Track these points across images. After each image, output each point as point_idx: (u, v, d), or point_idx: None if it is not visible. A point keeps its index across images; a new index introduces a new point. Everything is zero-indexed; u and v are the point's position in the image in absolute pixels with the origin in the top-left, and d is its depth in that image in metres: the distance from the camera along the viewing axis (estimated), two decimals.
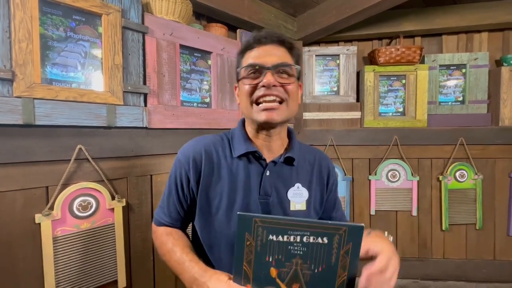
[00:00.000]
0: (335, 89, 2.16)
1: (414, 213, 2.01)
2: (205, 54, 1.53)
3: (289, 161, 0.76)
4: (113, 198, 1.17)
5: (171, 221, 0.76)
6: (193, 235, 0.81)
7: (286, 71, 0.69)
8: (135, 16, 1.21)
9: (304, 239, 0.52)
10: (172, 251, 0.69)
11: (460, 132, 1.96)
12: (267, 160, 0.74)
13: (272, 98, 0.67)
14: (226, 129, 0.82)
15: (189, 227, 0.82)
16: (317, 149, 0.85)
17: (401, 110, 2.06)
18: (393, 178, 2.02)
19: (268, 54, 0.69)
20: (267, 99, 0.67)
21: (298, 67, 0.72)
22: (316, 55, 2.14)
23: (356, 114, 2.10)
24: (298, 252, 0.53)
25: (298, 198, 0.75)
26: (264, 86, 0.66)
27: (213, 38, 1.53)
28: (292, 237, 0.53)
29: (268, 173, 0.73)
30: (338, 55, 2.13)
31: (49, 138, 1.01)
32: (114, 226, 1.17)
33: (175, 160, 0.75)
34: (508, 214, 1.97)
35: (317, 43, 2.23)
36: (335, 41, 2.24)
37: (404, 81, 2.03)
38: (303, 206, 0.75)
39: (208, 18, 1.71)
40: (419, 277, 2.02)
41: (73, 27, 1.06)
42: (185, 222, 0.79)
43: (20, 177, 0.96)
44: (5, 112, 0.90)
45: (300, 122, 2.10)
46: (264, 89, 0.67)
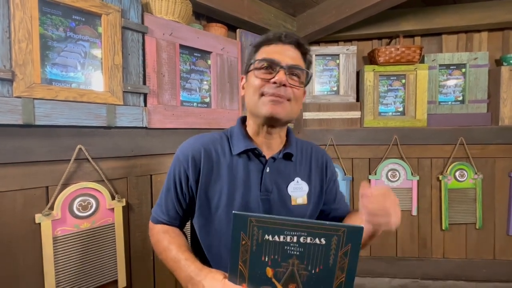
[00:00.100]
0: (335, 89, 2.16)
1: (414, 213, 2.01)
2: (205, 54, 1.53)
3: (288, 157, 0.76)
4: (113, 198, 1.17)
5: (169, 219, 0.76)
6: (192, 235, 0.81)
7: (298, 74, 0.71)
8: (135, 16, 1.22)
9: (301, 240, 0.52)
10: (168, 249, 0.69)
11: (460, 132, 1.96)
12: (267, 157, 0.74)
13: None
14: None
15: (187, 227, 0.82)
16: (313, 143, 0.86)
17: (401, 110, 2.06)
18: (393, 178, 2.02)
19: (285, 54, 0.70)
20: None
21: (311, 73, 0.74)
22: (316, 55, 2.14)
23: (356, 114, 2.10)
24: (295, 253, 0.52)
25: (299, 192, 0.75)
26: (275, 83, 0.67)
27: (213, 38, 1.53)
28: (289, 237, 0.52)
29: (268, 170, 0.73)
30: (338, 55, 2.13)
31: (49, 138, 1.01)
32: (114, 226, 1.17)
33: (174, 158, 0.75)
34: (508, 214, 1.97)
35: (317, 43, 2.23)
36: (335, 41, 2.24)
37: (404, 81, 2.03)
38: (304, 200, 0.75)
39: (208, 18, 1.71)
40: (419, 277, 2.02)
41: (73, 27, 1.06)
42: (183, 221, 0.79)
43: (20, 177, 0.96)
44: (5, 112, 0.90)
45: (300, 122, 2.10)
46: (274, 87, 0.67)
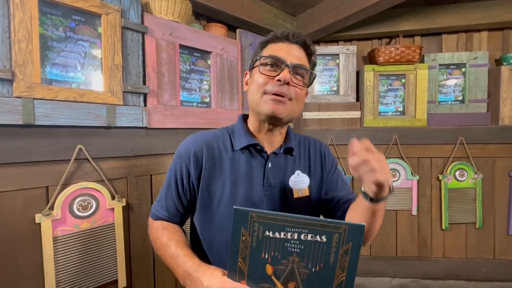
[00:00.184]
0: (335, 89, 2.16)
1: (414, 213, 2.01)
2: (205, 54, 1.53)
3: (289, 151, 0.78)
4: (113, 198, 1.17)
5: (168, 216, 0.75)
6: (191, 232, 0.81)
7: (302, 74, 0.72)
8: (135, 16, 1.22)
9: (302, 237, 0.51)
10: (167, 245, 0.69)
11: (460, 131, 1.96)
12: (268, 153, 0.75)
13: (282, 95, 0.69)
14: None
15: (187, 225, 0.82)
16: (310, 136, 0.87)
17: (401, 110, 2.06)
18: (393, 178, 2.02)
19: (291, 53, 0.71)
20: (277, 94, 0.69)
21: (314, 74, 0.75)
22: (316, 55, 2.14)
23: (356, 114, 2.10)
24: (295, 250, 0.52)
25: (300, 185, 0.76)
26: (279, 81, 0.67)
27: (213, 38, 1.53)
28: (290, 234, 0.51)
29: (270, 165, 0.74)
30: (338, 55, 2.13)
31: (49, 138, 1.01)
32: (114, 226, 1.17)
33: (176, 154, 0.75)
34: (508, 213, 1.97)
35: (317, 43, 2.23)
36: (335, 41, 2.24)
37: (404, 81, 2.03)
38: (306, 192, 0.76)
39: (208, 18, 1.71)
40: (419, 276, 2.02)
41: (73, 27, 1.06)
42: (182, 218, 0.78)
43: (20, 177, 0.96)
44: (5, 113, 0.90)
45: (300, 122, 2.10)
46: (277, 85, 0.68)
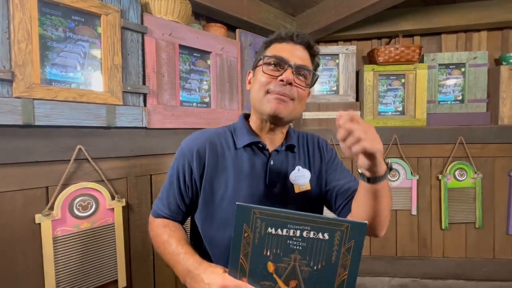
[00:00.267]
0: (335, 89, 2.16)
1: (414, 212, 2.01)
2: (204, 54, 1.53)
3: (290, 149, 0.79)
4: (113, 198, 1.17)
5: (170, 213, 0.75)
6: (192, 231, 0.81)
7: (305, 75, 0.72)
8: (134, 16, 1.22)
9: (304, 234, 0.51)
10: (168, 243, 0.69)
11: (460, 131, 1.96)
12: (270, 150, 0.76)
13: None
14: None
15: (187, 223, 0.82)
16: (307, 132, 0.87)
17: (401, 109, 2.06)
18: (393, 177, 2.02)
19: (294, 53, 0.71)
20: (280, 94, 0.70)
21: (317, 75, 0.75)
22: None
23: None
24: (297, 247, 0.51)
25: (301, 180, 0.76)
26: (282, 81, 0.68)
27: (212, 38, 1.53)
28: (292, 231, 0.51)
29: (272, 163, 0.75)
30: (338, 55, 2.13)
31: (49, 139, 1.01)
32: (114, 226, 1.17)
33: (178, 152, 0.75)
34: (508, 213, 1.97)
35: (316, 43, 2.20)
36: (334, 41, 2.24)
37: (404, 80, 2.03)
38: (308, 186, 0.77)
39: (207, 18, 1.72)
40: (419, 276, 2.02)
41: (72, 28, 1.07)
42: (184, 216, 0.78)
43: (20, 178, 0.96)
44: (5, 113, 0.90)
45: (300, 122, 2.10)
46: (280, 85, 0.68)
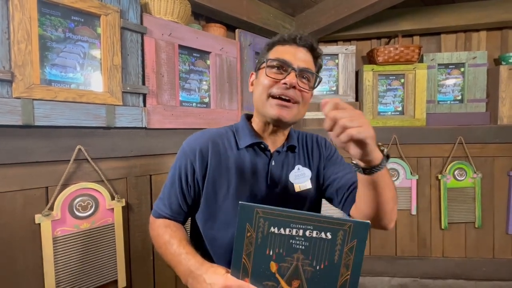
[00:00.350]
0: (334, 89, 2.17)
1: (414, 212, 2.02)
2: (204, 54, 1.53)
3: (291, 149, 0.79)
4: (113, 198, 1.17)
5: (171, 213, 0.75)
6: (193, 231, 0.81)
7: (308, 78, 0.72)
8: (134, 17, 1.22)
9: (307, 233, 0.51)
10: (169, 243, 0.68)
11: (459, 131, 1.96)
12: (272, 151, 0.76)
13: (287, 99, 0.69)
14: None
15: (187, 224, 0.82)
16: (306, 132, 0.88)
17: (400, 109, 2.06)
18: (392, 177, 2.02)
19: (297, 56, 0.71)
20: (283, 98, 0.69)
21: (320, 77, 0.75)
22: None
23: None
24: (300, 247, 0.51)
25: (302, 179, 0.77)
26: (285, 84, 0.68)
27: (212, 38, 1.54)
28: (295, 231, 0.51)
29: (274, 163, 0.75)
30: (337, 55, 2.13)
31: (49, 139, 1.01)
32: (114, 226, 1.17)
33: (180, 151, 0.75)
34: (507, 212, 1.98)
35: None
36: (334, 41, 2.24)
37: (403, 80, 2.03)
38: (308, 185, 0.77)
39: (207, 18, 1.72)
40: (419, 276, 2.02)
41: (72, 28, 1.07)
42: (185, 216, 0.78)
43: (20, 178, 0.96)
44: (5, 113, 0.90)
45: (300, 121, 2.10)
46: (284, 88, 0.68)
